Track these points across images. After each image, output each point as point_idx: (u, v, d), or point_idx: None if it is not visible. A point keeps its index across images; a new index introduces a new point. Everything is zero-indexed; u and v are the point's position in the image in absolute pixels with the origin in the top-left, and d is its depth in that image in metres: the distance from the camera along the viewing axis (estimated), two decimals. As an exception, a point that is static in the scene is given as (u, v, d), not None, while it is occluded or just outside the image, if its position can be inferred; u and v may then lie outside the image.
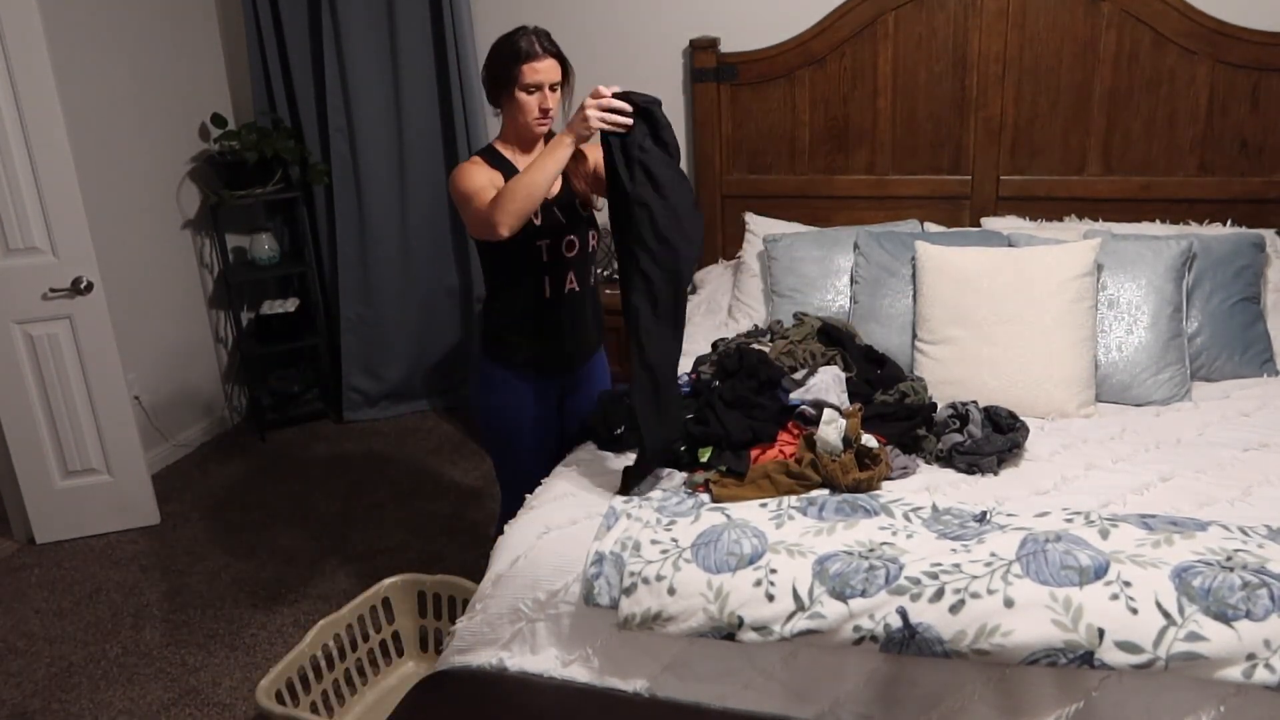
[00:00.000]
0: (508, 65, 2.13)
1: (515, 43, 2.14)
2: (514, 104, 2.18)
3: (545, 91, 2.16)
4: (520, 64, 2.12)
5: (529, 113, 2.18)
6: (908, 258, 2.85)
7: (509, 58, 2.13)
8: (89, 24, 3.56)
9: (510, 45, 2.14)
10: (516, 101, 2.17)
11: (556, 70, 2.17)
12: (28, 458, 3.34)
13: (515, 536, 1.99)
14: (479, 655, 1.96)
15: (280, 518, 3.53)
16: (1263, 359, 2.66)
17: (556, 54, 2.17)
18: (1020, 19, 3.17)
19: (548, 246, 2.22)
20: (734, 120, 3.55)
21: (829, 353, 2.54)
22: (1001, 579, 1.69)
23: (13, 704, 2.62)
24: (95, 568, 3.27)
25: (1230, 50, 3.02)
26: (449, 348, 4.31)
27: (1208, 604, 1.61)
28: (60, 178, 3.13)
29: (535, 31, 2.17)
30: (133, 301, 3.80)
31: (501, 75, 2.15)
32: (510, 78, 2.14)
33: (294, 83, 4.06)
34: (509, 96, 2.17)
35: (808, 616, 1.72)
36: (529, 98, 2.16)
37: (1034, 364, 2.50)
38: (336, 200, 4.08)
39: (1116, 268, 2.66)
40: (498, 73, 2.16)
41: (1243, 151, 3.10)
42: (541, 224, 2.21)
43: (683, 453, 2.18)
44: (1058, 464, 2.20)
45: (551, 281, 2.26)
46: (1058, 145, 3.26)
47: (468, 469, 3.81)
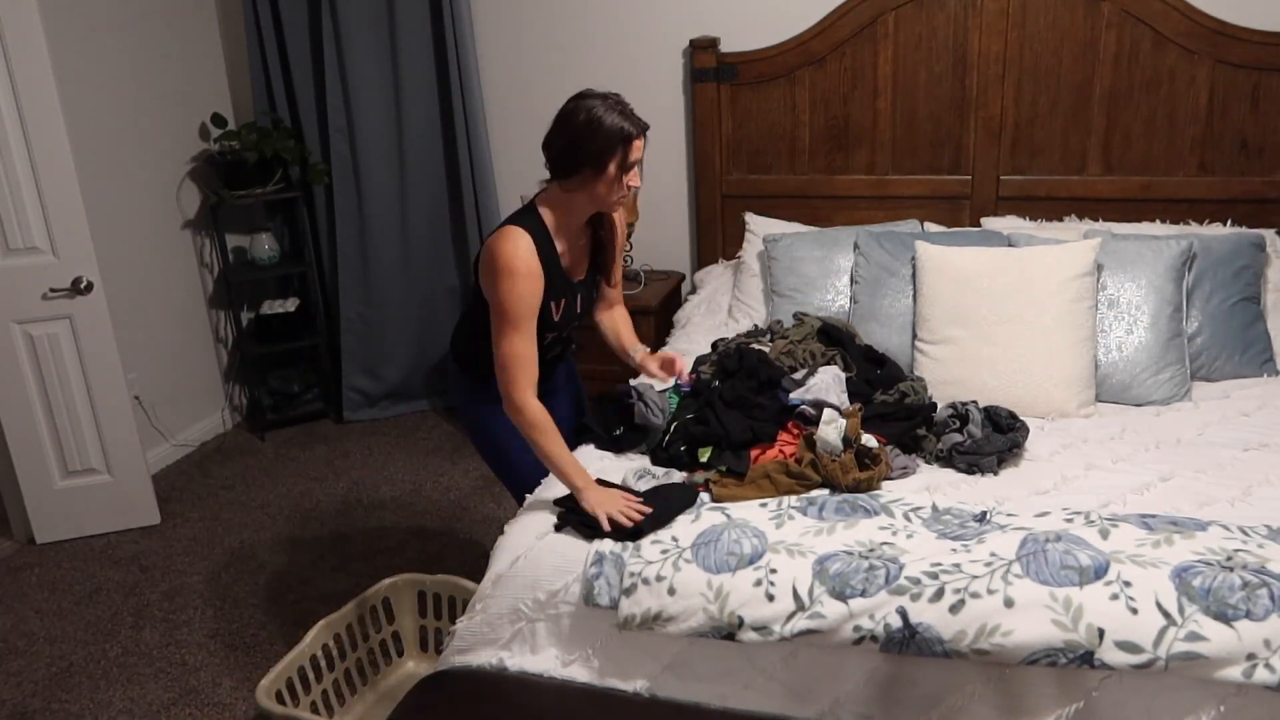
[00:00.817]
0: (610, 144, 1.95)
1: (613, 120, 1.95)
2: (603, 182, 2.00)
3: (637, 169, 2.03)
4: (630, 143, 1.97)
5: (619, 191, 2.02)
6: (908, 258, 2.85)
7: (613, 137, 1.95)
8: (89, 24, 3.56)
9: (610, 123, 1.95)
10: (609, 180, 1.99)
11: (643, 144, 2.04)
12: (28, 458, 3.34)
13: (515, 536, 1.99)
14: (479, 655, 1.96)
15: (280, 518, 3.53)
16: (1263, 359, 2.66)
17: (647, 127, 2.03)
18: (1020, 19, 3.17)
19: (554, 339, 2.20)
20: (734, 120, 3.55)
21: (829, 353, 2.54)
22: (1001, 579, 1.69)
23: (13, 704, 2.62)
24: (95, 568, 3.27)
25: (1230, 50, 3.02)
26: (449, 348, 4.30)
27: (1208, 604, 1.61)
28: (60, 178, 3.13)
29: (620, 102, 2.00)
30: (133, 301, 3.81)
31: (600, 153, 1.96)
32: (610, 157, 1.96)
33: (294, 83, 4.06)
34: (599, 174, 1.99)
35: (808, 616, 1.72)
36: (627, 176, 2.01)
37: (1034, 364, 2.50)
38: (336, 200, 4.08)
39: (1116, 268, 2.66)
40: (596, 150, 1.96)
41: (1243, 151, 3.10)
42: (560, 318, 2.15)
43: (683, 453, 2.18)
44: (1058, 464, 2.20)
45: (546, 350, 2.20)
46: (1058, 145, 3.26)
47: (468, 469, 3.81)
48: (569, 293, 2.16)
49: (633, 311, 3.36)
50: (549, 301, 2.09)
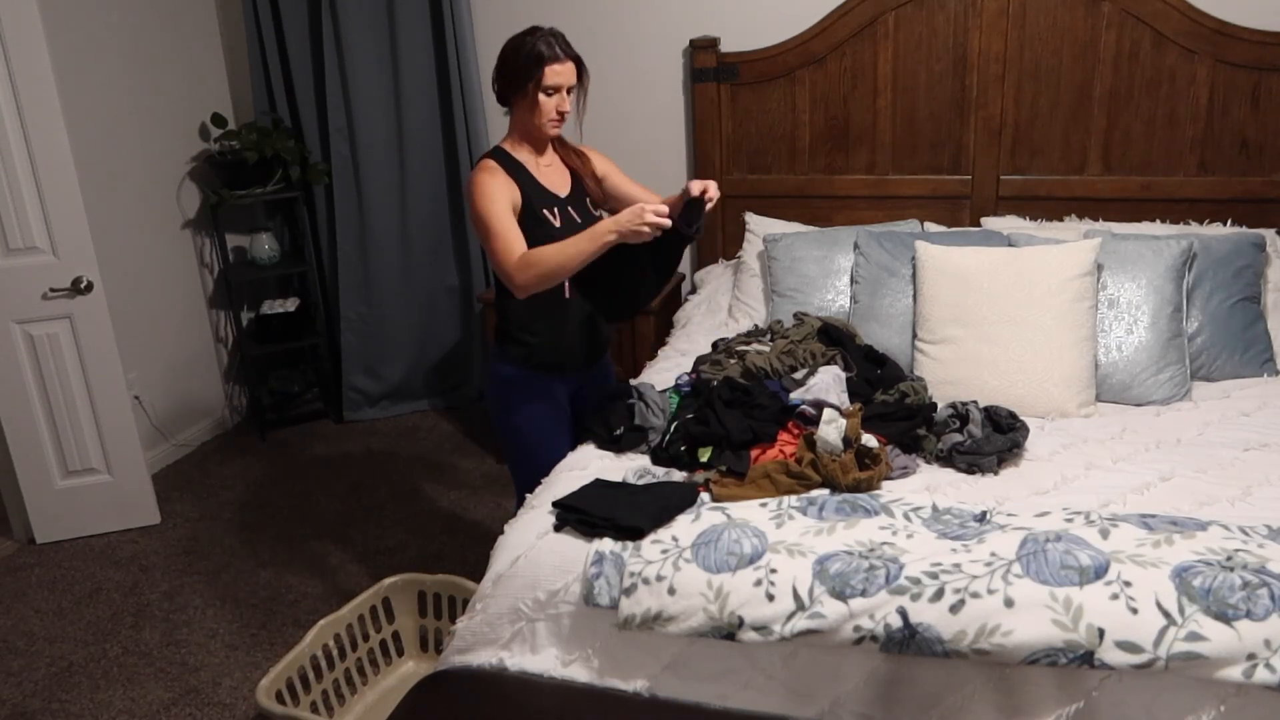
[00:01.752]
0: (527, 67, 2.12)
1: (534, 45, 2.12)
2: (528, 105, 2.16)
3: (563, 94, 2.16)
4: (542, 66, 2.11)
5: (545, 114, 2.17)
6: (908, 257, 2.85)
7: (529, 60, 2.11)
8: (89, 24, 3.56)
9: (529, 47, 2.12)
10: (532, 103, 2.15)
11: (573, 73, 2.16)
12: (28, 458, 3.34)
13: (515, 536, 1.99)
14: (479, 655, 1.96)
15: (280, 518, 3.53)
16: (1263, 359, 2.66)
17: (575, 57, 2.17)
18: (1020, 19, 3.17)
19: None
20: (734, 120, 3.55)
21: (829, 353, 2.54)
22: (1002, 579, 1.69)
23: (13, 704, 2.62)
24: (95, 568, 3.27)
25: (1230, 50, 3.02)
26: (449, 347, 4.31)
27: (1208, 604, 1.61)
28: (60, 178, 3.13)
29: (552, 33, 2.15)
30: (133, 301, 3.81)
31: (519, 76, 2.14)
32: (529, 79, 2.12)
33: (294, 83, 4.06)
34: (523, 97, 2.16)
35: (808, 616, 1.72)
36: (547, 100, 2.15)
37: (1034, 364, 2.50)
38: (336, 200, 4.09)
39: (1116, 267, 2.66)
40: (514, 74, 2.14)
41: (1243, 151, 3.10)
42: (561, 225, 2.21)
43: (683, 453, 2.18)
44: (1058, 464, 2.20)
45: (569, 284, 2.24)
46: (1058, 145, 3.26)
47: (468, 469, 3.81)
48: (558, 203, 2.24)
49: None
50: (540, 210, 2.20)
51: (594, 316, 2.35)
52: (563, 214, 2.24)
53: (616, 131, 3.71)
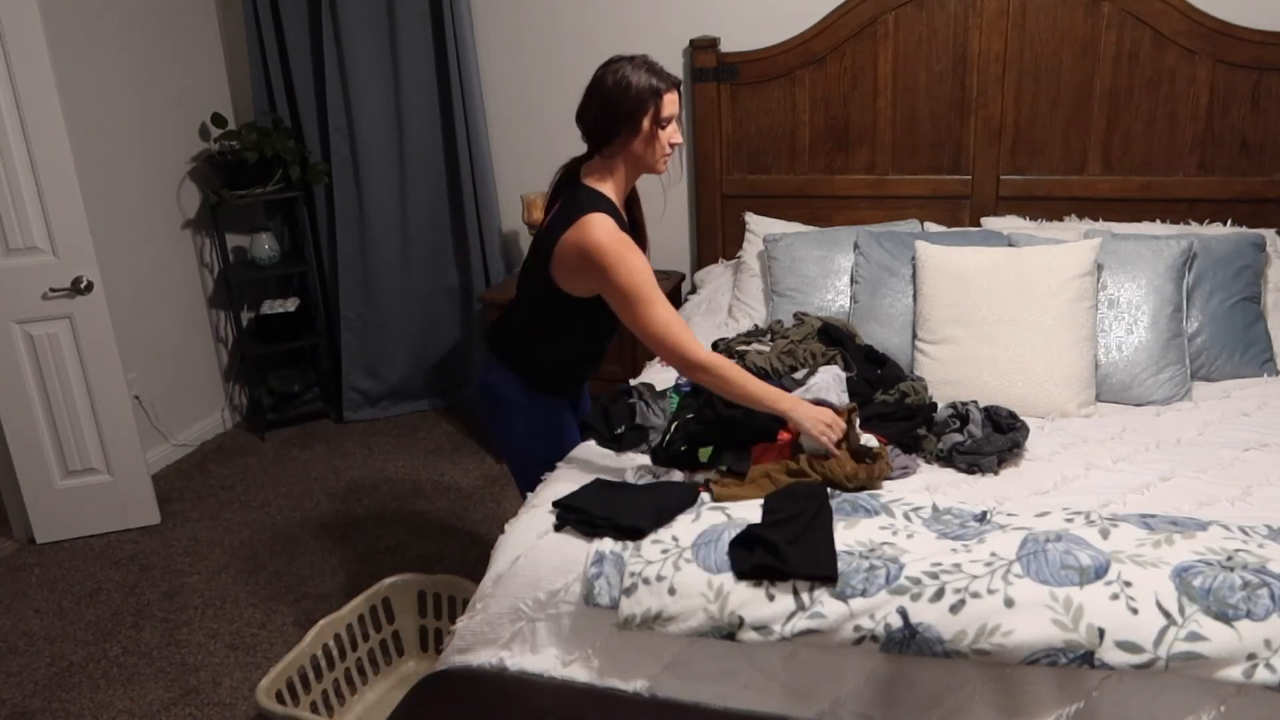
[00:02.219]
0: (641, 100, 1.99)
1: (641, 77, 1.99)
2: (639, 141, 2.03)
3: (674, 125, 2.05)
4: (660, 97, 2.00)
5: (661, 149, 2.05)
6: (908, 257, 2.85)
7: (643, 93, 1.98)
8: (89, 24, 3.56)
9: (639, 80, 1.99)
10: (646, 138, 2.02)
11: (678, 100, 2.06)
12: (28, 458, 3.34)
13: (515, 536, 1.99)
14: (479, 655, 1.95)
15: (280, 518, 3.53)
16: (1263, 359, 2.66)
17: (679, 82, 2.07)
18: (1020, 19, 3.17)
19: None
20: (734, 120, 3.55)
21: (829, 353, 2.54)
22: (1002, 579, 1.69)
23: (13, 703, 2.62)
24: (95, 567, 3.27)
25: (1230, 50, 3.02)
26: (449, 348, 4.31)
27: (1208, 604, 1.61)
28: (60, 178, 3.13)
29: (648, 61, 2.03)
30: (133, 301, 3.81)
31: (633, 113, 1.99)
32: (643, 114, 1.99)
33: (294, 83, 4.06)
34: (636, 134, 2.02)
35: (808, 616, 1.72)
36: (663, 132, 2.03)
37: (1034, 364, 2.50)
38: (336, 200, 4.09)
39: (1116, 267, 2.66)
40: (629, 110, 1.99)
41: (1243, 151, 3.10)
42: None
43: (683, 453, 2.18)
44: (1058, 464, 2.20)
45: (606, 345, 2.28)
46: (1058, 145, 3.26)
47: (468, 469, 3.81)
48: None
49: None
50: None
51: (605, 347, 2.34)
52: None
53: (616, 131, 3.71)
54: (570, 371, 2.29)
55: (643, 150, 2.05)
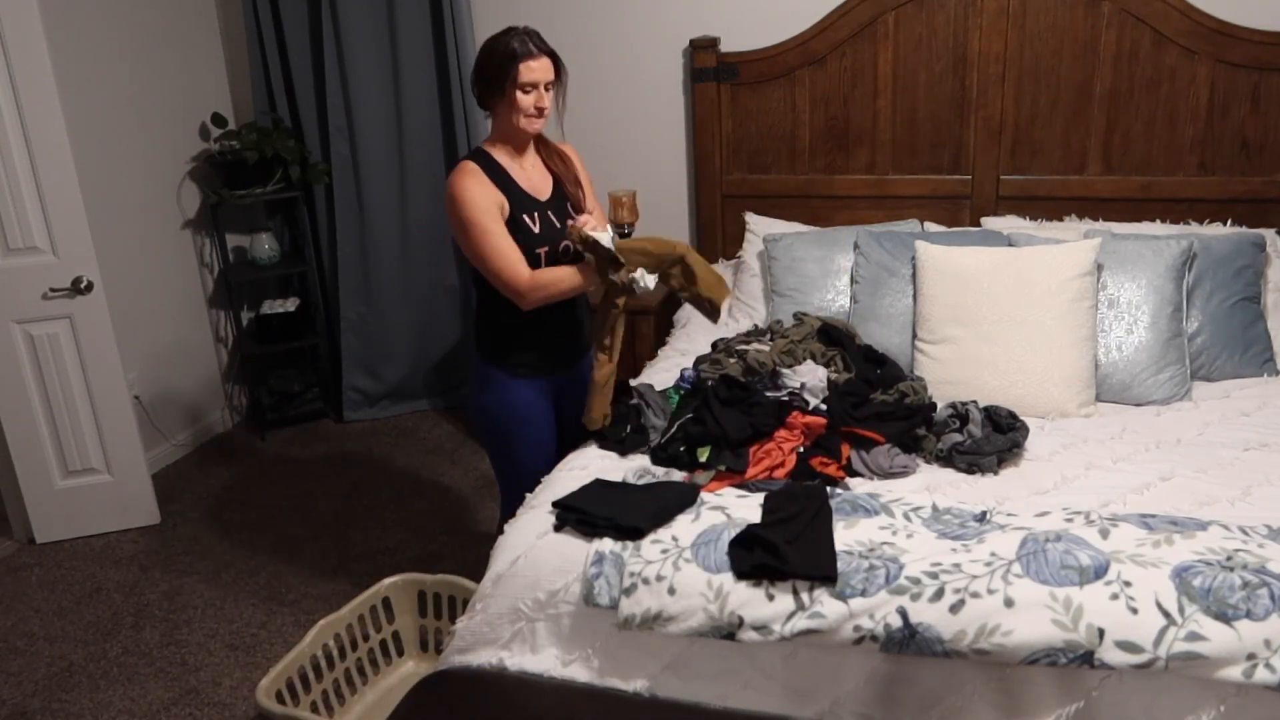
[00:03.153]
0: (502, 65, 2.13)
1: (507, 43, 2.14)
2: (507, 104, 2.18)
3: (540, 90, 2.17)
4: (516, 63, 2.12)
5: (524, 111, 2.18)
6: (908, 257, 2.85)
7: (503, 58, 2.13)
8: (89, 24, 3.56)
9: (503, 45, 2.14)
10: (511, 101, 2.16)
11: (550, 69, 2.18)
12: (28, 458, 3.34)
13: (515, 536, 1.99)
14: (479, 655, 1.96)
15: (280, 518, 3.53)
16: (1263, 359, 2.66)
17: (550, 52, 2.18)
18: (1020, 19, 3.17)
19: (546, 254, 2.23)
20: (734, 120, 3.55)
21: (829, 353, 2.54)
22: (1001, 579, 1.69)
23: (13, 703, 2.62)
24: (95, 567, 3.27)
25: (1231, 50, 3.02)
26: (449, 348, 4.31)
27: (1208, 604, 1.61)
28: (60, 178, 3.13)
29: (526, 31, 2.17)
30: (133, 301, 3.81)
31: (495, 76, 2.15)
32: (505, 77, 2.14)
33: (294, 83, 4.06)
34: (502, 97, 2.17)
35: (808, 616, 1.72)
36: (525, 97, 2.16)
37: (1034, 363, 2.50)
38: (336, 200, 4.09)
39: (1116, 267, 2.66)
40: (491, 73, 2.16)
41: (1243, 151, 3.10)
42: (540, 231, 2.23)
43: (682, 453, 2.18)
44: (1058, 463, 2.20)
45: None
46: (1058, 145, 3.26)
47: (468, 469, 3.81)
48: (538, 208, 2.25)
49: (633, 311, 3.37)
50: (520, 214, 2.21)
51: (570, 319, 2.37)
52: (542, 219, 2.25)
53: (617, 132, 3.72)
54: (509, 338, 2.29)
55: (508, 111, 2.19)
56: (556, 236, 2.25)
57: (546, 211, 2.26)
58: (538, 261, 2.23)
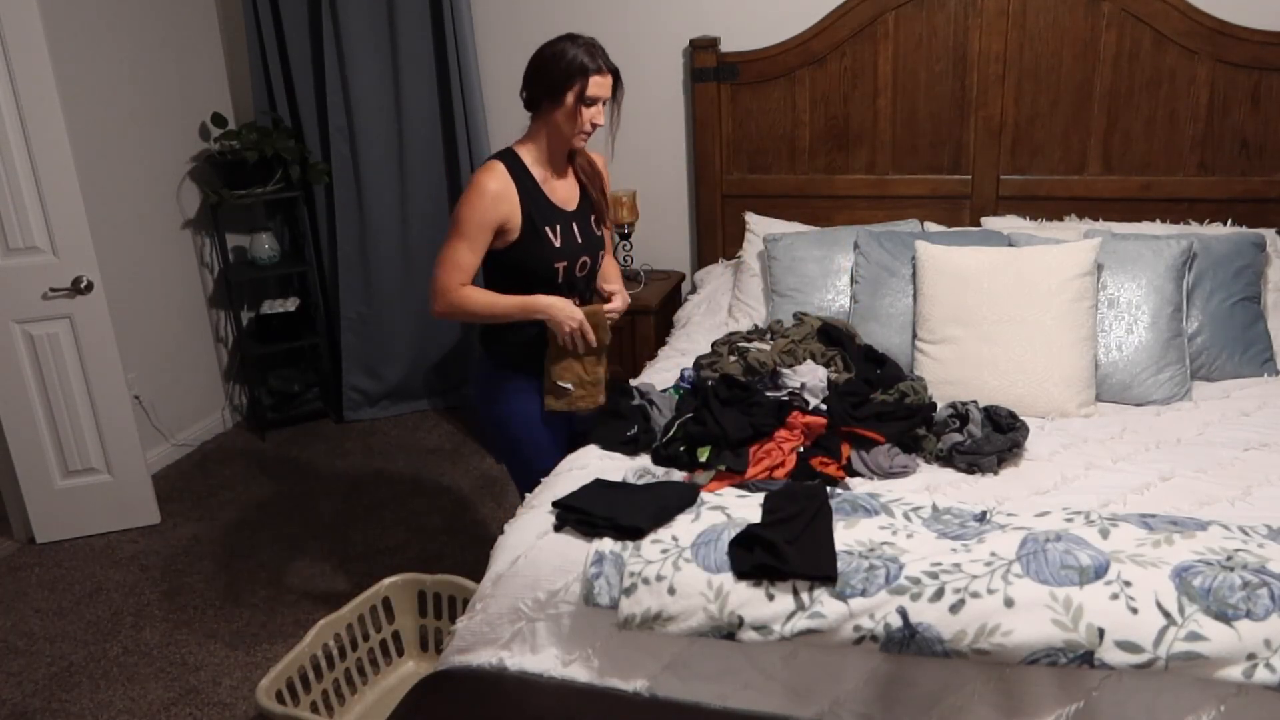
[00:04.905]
0: (569, 75, 2.08)
1: (577, 54, 2.09)
2: (561, 113, 2.13)
3: (599, 106, 2.14)
4: (586, 76, 2.08)
5: (579, 125, 2.14)
6: (908, 257, 2.85)
7: (571, 69, 2.08)
8: (89, 24, 3.56)
9: (572, 55, 2.09)
10: (570, 113, 2.12)
11: (610, 85, 2.15)
12: (28, 458, 3.34)
13: (515, 536, 1.99)
14: (479, 655, 1.96)
15: (280, 518, 3.53)
16: (1263, 359, 2.66)
17: (614, 69, 2.15)
18: (1020, 18, 3.17)
19: (564, 269, 2.21)
20: (734, 120, 3.55)
21: (829, 353, 2.54)
22: (1001, 578, 1.69)
23: (13, 703, 2.62)
24: (95, 567, 3.27)
25: (1231, 50, 3.02)
26: (449, 348, 4.31)
27: (1208, 604, 1.61)
28: (60, 177, 3.13)
29: (593, 43, 2.12)
30: (133, 301, 3.81)
31: (558, 84, 2.10)
32: (568, 88, 2.09)
33: (294, 83, 4.06)
34: (557, 105, 2.12)
35: (808, 616, 1.72)
36: (586, 111, 2.12)
37: (1034, 363, 2.50)
38: (336, 200, 4.09)
39: (1116, 267, 2.66)
40: (554, 81, 2.10)
41: (1243, 151, 3.10)
42: (561, 245, 2.20)
43: (682, 453, 2.18)
44: (1058, 463, 2.20)
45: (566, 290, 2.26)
46: (1058, 145, 3.26)
47: (468, 469, 3.81)
48: (562, 220, 2.22)
49: (634, 311, 3.37)
50: (542, 226, 2.17)
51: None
52: (564, 232, 2.21)
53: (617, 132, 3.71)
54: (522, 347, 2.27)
55: (562, 121, 2.15)
56: (576, 252, 2.22)
57: (571, 223, 2.22)
58: (554, 276, 2.20)
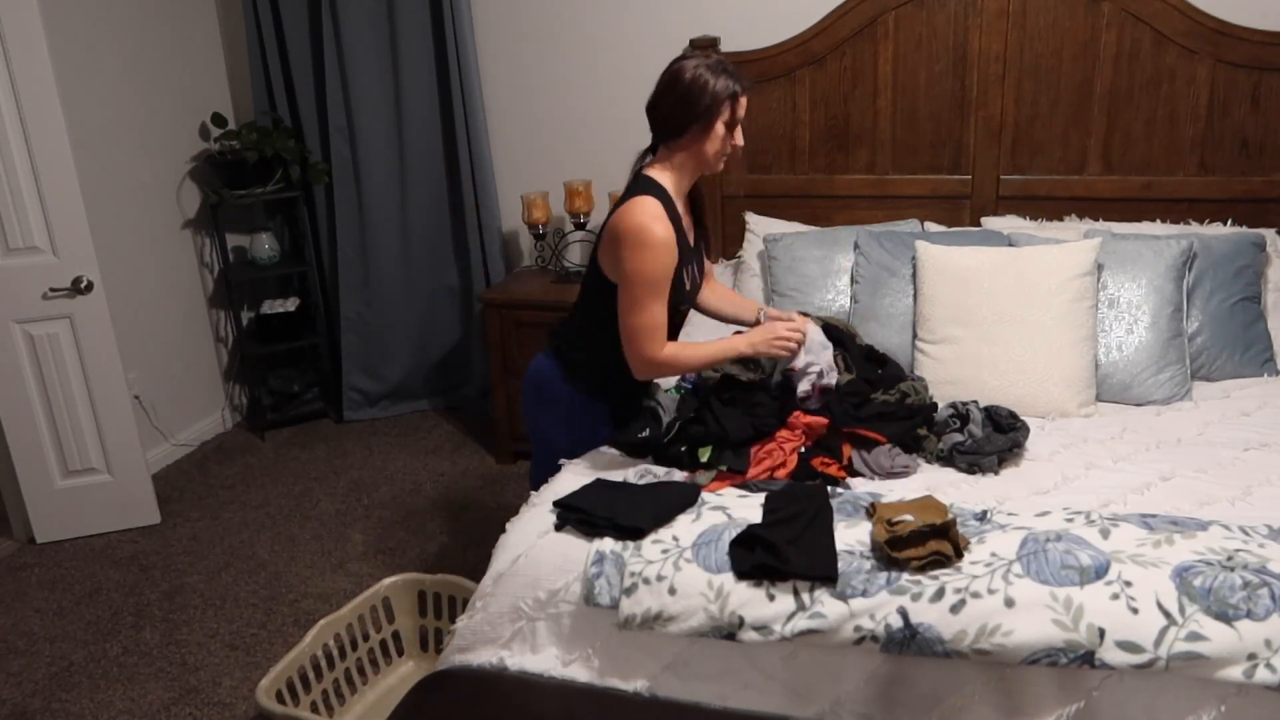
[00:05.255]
0: (719, 100, 2.03)
1: (721, 78, 2.03)
2: (710, 140, 2.07)
3: (739, 127, 2.11)
4: (736, 100, 2.05)
5: (724, 147, 2.10)
6: (908, 257, 2.85)
7: (723, 93, 2.03)
8: (89, 24, 3.56)
9: (719, 80, 2.03)
10: (718, 137, 2.07)
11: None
12: (28, 457, 3.34)
13: (516, 535, 1.99)
14: (479, 654, 1.96)
15: (280, 518, 3.53)
16: (1263, 359, 2.66)
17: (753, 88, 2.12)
18: (1020, 18, 3.17)
19: (685, 311, 2.22)
20: (734, 120, 3.54)
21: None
22: (1002, 579, 1.69)
23: (13, 703, 2.62)
24: (95, 567, 3.27)
25: (1231, 50, 3.02)
26: (449, 347, 4.31)
27: (1208, 604, 1.61)
28: (60, 177, 3.13)
29: (724, 63, 2.07)
30: (133, 301, 3.81)
31: (710, 107, 2.03)
32: (719, 112, 2.04)
33: (294, 83, 4.06)
34: (706, 132, 2.06)
35: (808, 616, 1.72)
36: (731, 132, 2.08)
37: (1034, 363, 2.50)
38: (336, 200, 4.08)
39: (1117, 267, 2.66)
40: (705, 107, 2.03)
41: (1243, 151, 3.10)
42: (689, 287, 2.17)
43: (683, 453, 2.18)
44: (1058, 463, 2.20)
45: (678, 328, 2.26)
46: (1058, 145, 3.26)
47: (468, 469, 3.81)
48: (694, 258, 2.18)
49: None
50: (681, 269, 2.11)
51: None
52: (690, 273, 2.17)
53: (617, 131, 3.71)
54: (611, 371, 2.21)
55: (710, 149, 2.09)
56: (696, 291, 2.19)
57: (692, 263, 2.18)
58: (679, 319, 2.17)
